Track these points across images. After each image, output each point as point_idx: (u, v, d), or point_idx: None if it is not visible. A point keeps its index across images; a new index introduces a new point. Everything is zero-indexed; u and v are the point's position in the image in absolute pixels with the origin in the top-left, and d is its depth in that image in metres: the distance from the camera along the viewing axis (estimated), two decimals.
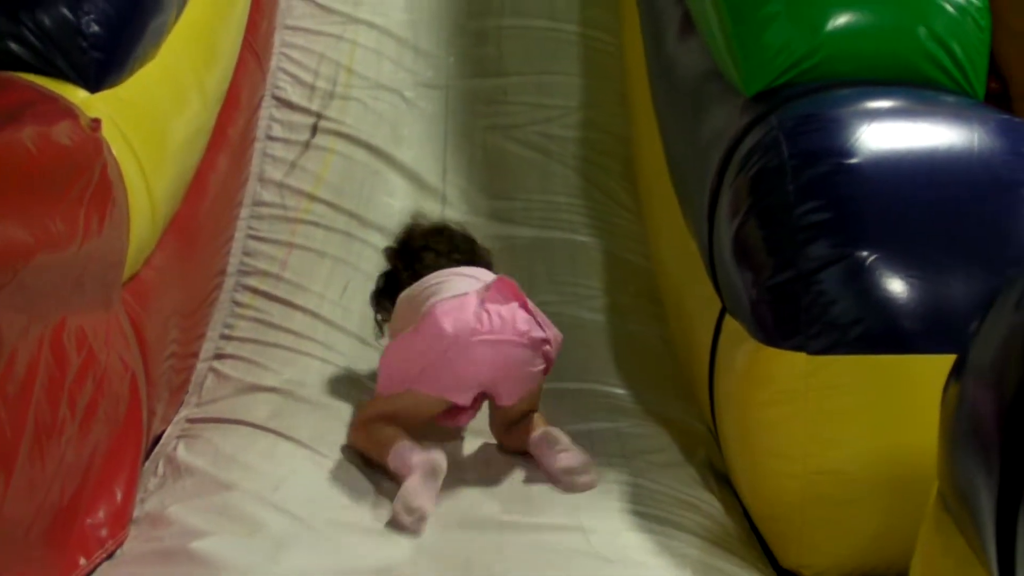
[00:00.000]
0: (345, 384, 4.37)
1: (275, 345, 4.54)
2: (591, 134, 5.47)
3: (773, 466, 3.45)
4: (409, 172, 5.30)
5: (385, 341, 4.29)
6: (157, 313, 3.90)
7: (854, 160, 3.42)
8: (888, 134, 3.50)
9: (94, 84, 3.66)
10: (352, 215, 5.08)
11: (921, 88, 3.83)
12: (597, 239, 5.09)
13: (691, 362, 4.19)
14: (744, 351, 3.56)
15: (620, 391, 4.38)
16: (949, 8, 3.91)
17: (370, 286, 4.57)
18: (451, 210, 5.14)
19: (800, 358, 3.36)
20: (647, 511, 3.60)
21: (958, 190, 3.40)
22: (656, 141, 4.82)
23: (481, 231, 4.99)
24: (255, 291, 4.76)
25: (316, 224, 5.05)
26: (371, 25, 5.81)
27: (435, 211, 5.09)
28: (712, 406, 3.89)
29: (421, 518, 3.51)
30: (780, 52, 3.86)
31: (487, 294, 3.87)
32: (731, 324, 3.70)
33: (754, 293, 3.48)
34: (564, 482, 3.72)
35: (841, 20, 3.87)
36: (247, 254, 4.92)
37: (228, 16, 4.96)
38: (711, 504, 3.71)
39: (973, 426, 2.22)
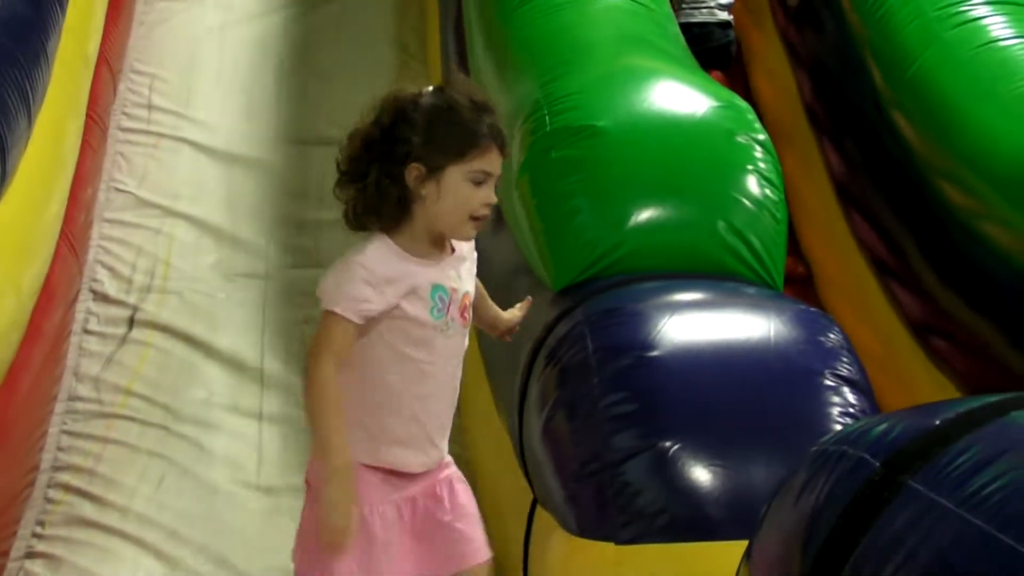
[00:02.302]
0: None
1: (87, 543, 4.48)
2: None
3: None
4: (227, 363, 5.29)
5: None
6: None
7: (656, 353, 3.51)
8: (689, 326, 3.61)
9: None
10: (168, 409, 5.06)
11: (722, 280, 3.95)
12: None
13: (506, 555, 4.22)
14: (556, 541, 3.59)
15: None
16: (746, 203, 4.06)
17: (186, 481, 4.54)
18: (270, 399, 5.14)
19: (609, 548, 3.40)
20: None
21: (756, 379, 3.51)
22: (472, 333, 4.88)
23: (300, 423, 5.01)
24: (68, 487, 4.70)
25: (132, 419, 5.01)
26: (189, 217, 5.85)
27: (255, 400, 5.09)
28: None
29: None
30: (585, 248, 3.97)
31: None
32: (543, 515, 3.74)
33: (563, 484, 3.52)
34: None
35: (643, 215, 4.00)
36: (61, 449, 4.87)
37: (44, 213, 4.96)
38: None
39: None
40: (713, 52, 6.65)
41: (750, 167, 4.11)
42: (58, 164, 5.21)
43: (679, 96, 4.26)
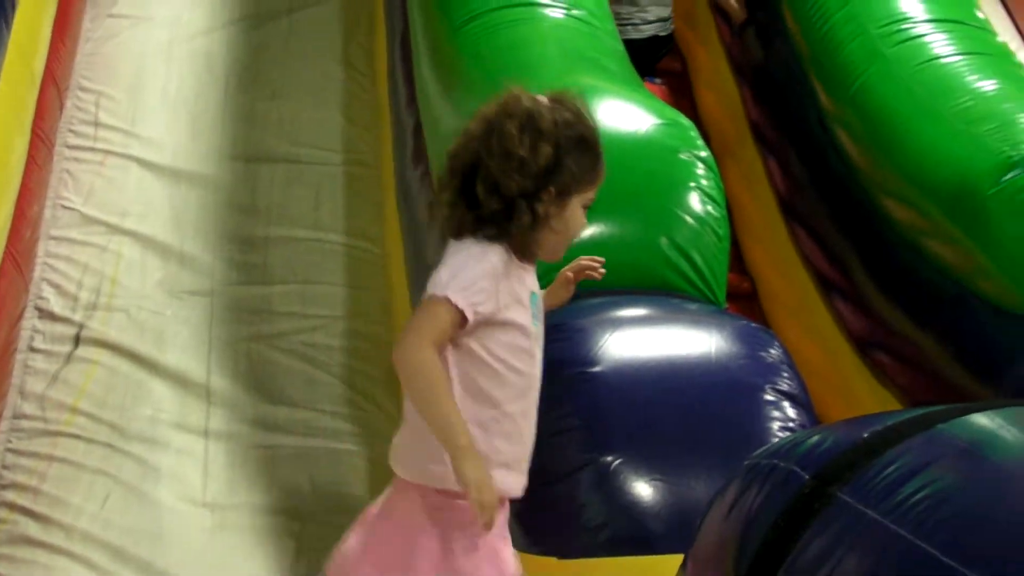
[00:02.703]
0: None
1: (32, 562, 4.46)
2: (355, 343, 5.53)
3: None
4: (173, 380, 5.28)
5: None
6: None
7: (598, 368, 3.55)
8: (631, 342, 3.64)
9: None
10: (114, 427, 5.04)
11: (665, 296, 3.99)
12: (361, 447, 5.12)
13: None
14: None
15: None
16: (689, 220, 4.10)
17: (131, 499, 4.54)
18: (216, 416, 5.14)
19: (552, 562, 3.43)
20: None
21: (697, 394, 3.54)
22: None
23: (246, 440, 5.02)
24: (12, 506, 4.68)
25: (77, 437, 4.99)
26: (136, 234, 5.83)
27: (201, 417, 5.09)
28: None
29: None
30: None
31: None
32: None
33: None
34: None
35: (587, 232, 4.01)
36: (5, 467, 4.85)
37: None
38: None
39: None
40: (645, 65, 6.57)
41: (692, 184, 4.16)
42: (3, 181, 5.20)
43: (622, 114, 4.30)
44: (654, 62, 6.94)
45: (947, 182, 4.81)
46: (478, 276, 3.13)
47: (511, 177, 3.16)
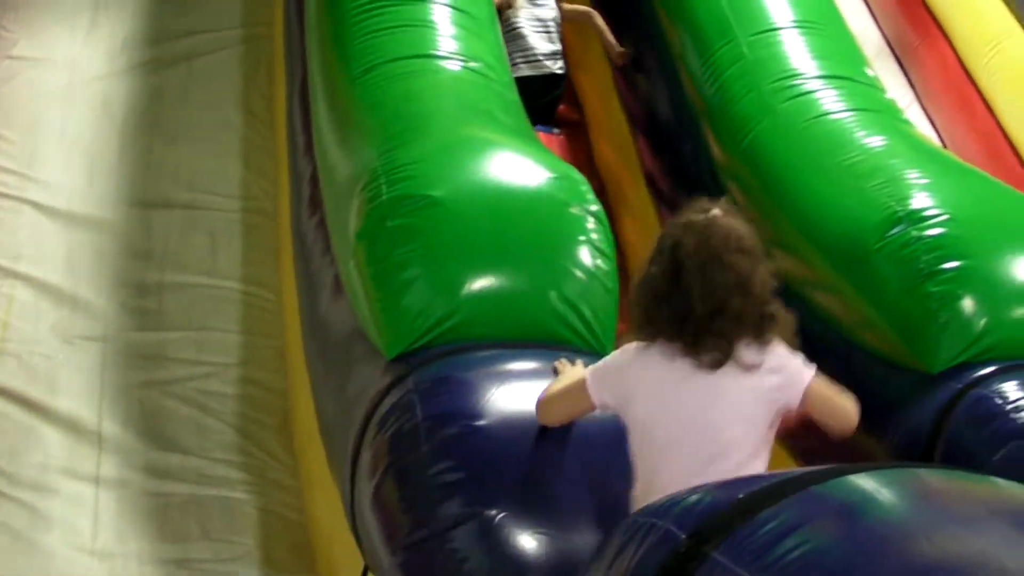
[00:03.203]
0: None
1: None
2: (249, 390, 5.52)
3: None
4: (64, 426, 5.25)
5: None
6: None
7: (484, 422, 3.57)
8: (517, 395, 3.67)
9: None
10: (3, 473, 5.00)
11: (554, 349, 4.02)
12: (253, 495, 5.10)
13: None
14: None
15: None
16: (578, 273, 4.13)
17: (20, 546, 4.51)
18: (107, 463, 5.10)
19: None
20: None
21: (580, 447, 3.57)
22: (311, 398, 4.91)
23: (137, 487, 5.00)
24: None
25: None
26: (29, 279, 5.79)
27: (92, 464, 5.06)
28: None
29: None
30: (419, 316, 4.01)
31: None
32: None
33: (391, 552, 3.55)
34: None
35: (477, 284, 4.06)
36: None
37: None
38: None
39: None
40: (540, 108, 6.78)
41: (582, 238, 4.20)
42: None
43: (515, 167, 4.34)
44: (553, 106, 7.01)
45: (834, 235, 4.89)
46: None
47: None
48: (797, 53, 5.74)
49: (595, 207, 4.31)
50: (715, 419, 3.39)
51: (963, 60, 7.91)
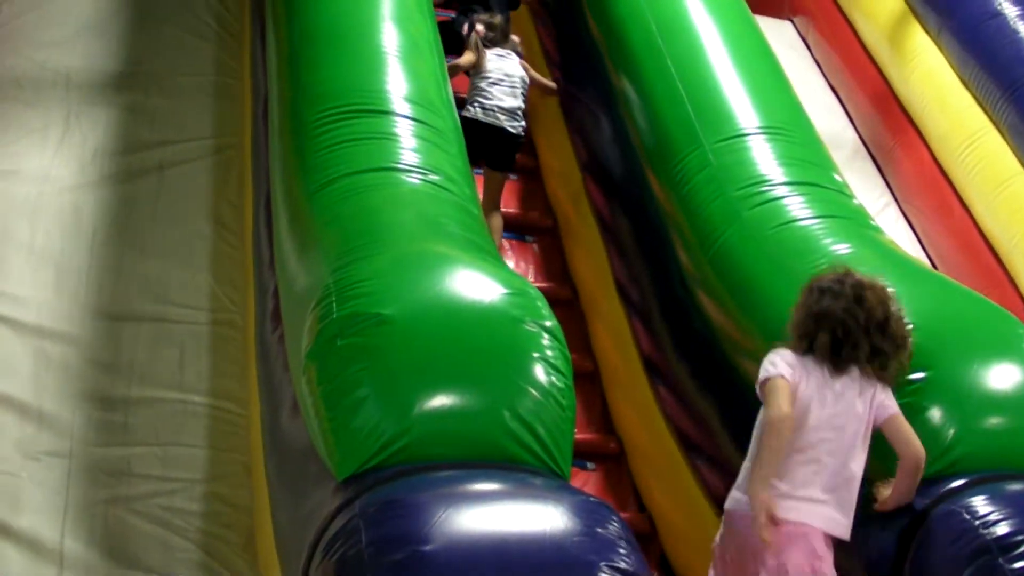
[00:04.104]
0: None
1: None
2: (215, 507, 5.45)
3: None
4: (25, 544, 5.18)
5: None
6: None
7: (431, 547, 3.51)
8: (467, 519, 3.61)
9: None
10: None
11: (507, 469, 3.96)
12: None
13: None
14: None
15: None
16: (532, 391, 4.08)
17: None
18: None
19: None
20: None
21: (530, 572, 3.50)
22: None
23: None
24: None
25: None
26: None
27: None
28: None
29: None
30: (370, 436, 3.96)
31: None
32: None
33: None
34: None
35: (429, 404, 4.00)
36: None
37: None
38: None
39: None
40: (498, 152, 7.08)
41: (536, 354, 4.15)
42: None
43: (469, 283, 4.30)
44: (509, 153, 7.17)
45: None
46: None
47: None
48: (764, 159, 5.72)
49: (550, 323, 4.26)
50: None
51: (939, 159, 7.93)
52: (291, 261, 4.96)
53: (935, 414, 4.46)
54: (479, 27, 7.31)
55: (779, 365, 4.37)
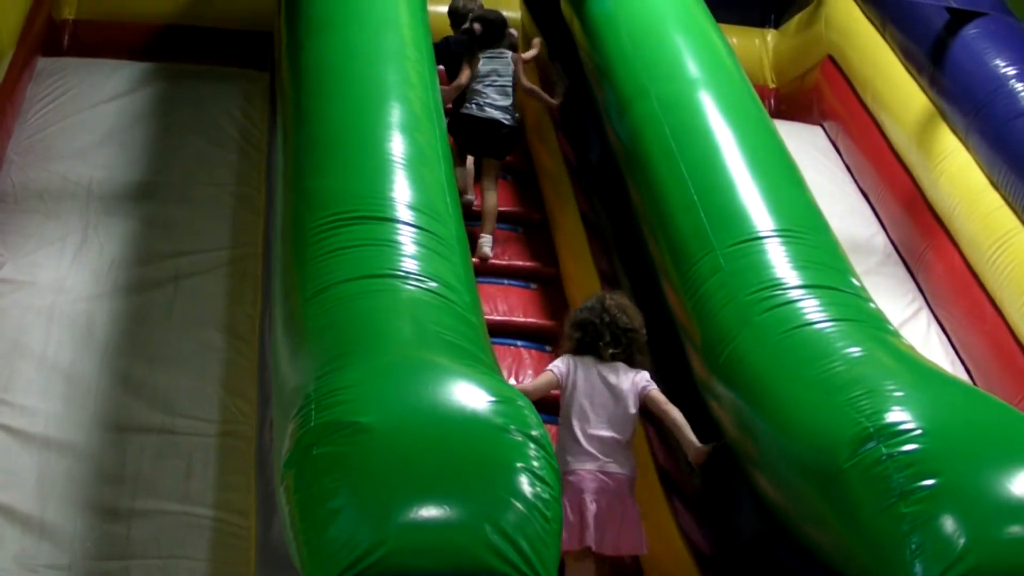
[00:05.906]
0: None
1: None
2: None
3: None
4: None
5: None
6: None
7: None
8: None
9: None
10: None
11: None
12: None
13: None
14: None
15: None
16: (515, 503, 3.93)
17: None
18: None
19: None
20: None
21: None
22: None
23: None
24: None
25: None
26: None
27: None
28: None
29: None
30: (344, 547, 3.81)
31: None
32: None
33: None
34: None
35: (407, 515, 3.86)
36: None
37: None
38: None
39: None
40: (492, 144, 7.99)
41: (521, 465, 4.01)
42: None
43: (453, 391, 4.18)
44: (504, 142, 7.97)
45: (807, 452, 4.70)
46: None
47: None
48: (777, 262, 5.60)
49: (536, 432, 4.13)
50: None
51: (970, 262, 7.77)
52: (283, 366, 4.87)
53: (944, 524, 4.28)
54: (476, 26, 8.05)
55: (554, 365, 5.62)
